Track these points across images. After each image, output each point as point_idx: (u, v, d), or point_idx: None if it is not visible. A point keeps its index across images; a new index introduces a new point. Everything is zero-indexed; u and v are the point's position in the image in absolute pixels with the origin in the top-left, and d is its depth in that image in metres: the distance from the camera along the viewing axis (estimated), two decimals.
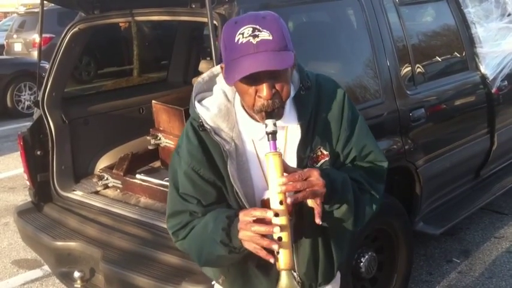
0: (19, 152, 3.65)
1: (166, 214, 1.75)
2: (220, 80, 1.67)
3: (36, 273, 4.22)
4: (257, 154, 1.64)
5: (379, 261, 3.29)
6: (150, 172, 3.86)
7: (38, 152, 3.57)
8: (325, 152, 1.67)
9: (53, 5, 3.71)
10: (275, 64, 1.44)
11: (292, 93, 1.61)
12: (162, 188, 3.43)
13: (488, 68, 3.98)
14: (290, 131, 1.64)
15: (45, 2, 3.48)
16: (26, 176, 3.62)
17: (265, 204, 1.54)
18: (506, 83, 4.11)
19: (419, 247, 4.08)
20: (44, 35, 3.83)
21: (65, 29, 3.55)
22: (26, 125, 3.70)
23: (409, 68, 3.45)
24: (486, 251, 4.11)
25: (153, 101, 3.98)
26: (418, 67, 3.56)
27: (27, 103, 10.11)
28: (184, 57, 5.09)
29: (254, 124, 1.60)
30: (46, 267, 3.99)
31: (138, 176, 3.69)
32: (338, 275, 1.91)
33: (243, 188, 1.61)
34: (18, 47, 14.20)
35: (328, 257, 1.76)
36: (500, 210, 4.71)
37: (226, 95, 1.65)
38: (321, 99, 1.68)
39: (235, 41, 1.46)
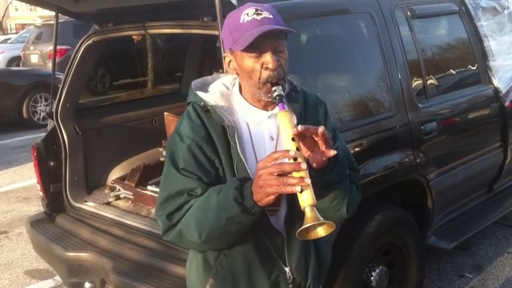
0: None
1: (158, 202, 1.72)
2: (213, 79, 1.82)
3: (48, 283, 4.24)
4: (251, 139, 1.71)
5: (390, 275, 3.26)
6: None
7: (52, 163, 3.61)
8: None
9: (68, 17, 3.76)
10: (282, 28, 1.62)
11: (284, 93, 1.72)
12: None
13: (501, 81, 3.96)
14: None
15: (60, 14, 3.54)
16: (39, 187, 3.66)
17: None
18: None
19: (432, 261, 4.05)
20: (59, 47, 3.91)
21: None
22: (41, 135, 3.75)
23: (421, 81, 3.45)
24: (499, 266, 4.07)
25: (166, 113, 4.01)
26: (430, 80, 3.55)
27: (42, 114, 10.21)
28: (196, 69, 5.13)
29: (251, 109, 1.73)
30: (58, 278, 4.01)
31: (149, 187, 3.71)
32: None
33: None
34: (34, 59, 14.39)
35: (318, 258, 1.82)
36: None
37: (225, 85, 1.78)
38: (307, 104, 1.81)
39: (241, 21, 1.63)
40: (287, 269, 1.75)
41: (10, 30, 41.21)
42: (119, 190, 3.77)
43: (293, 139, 1.49)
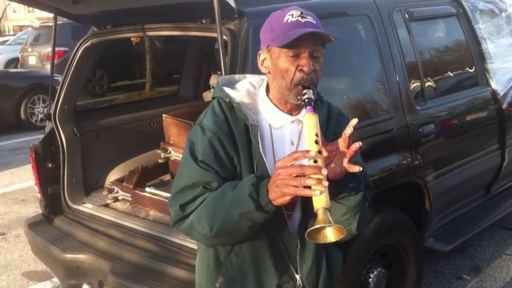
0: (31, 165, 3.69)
1: (172, 192, 1.71)
2: (244, 76, 1.83)
3: (46, 285, 4.24)
4: (272, 141, 1.71)
5: (388, 277, 3.27)
6: (160, 185, 3.87)
7: (50, 165, 3.60)
8: None
9: (66, 19, 3.76)
10: (325, 32, 1.63)
11: None
12: None
13: (499, 83, 3.97)
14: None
15: (58, 16, 3.54)
16: (37, 189, 3.66)
17: None
18: None
19: (429, 263, 4.05)
20: (57, 49, 3.90)
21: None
22: (39, 137, 3.74)
23: (419, 84, 3.45)
24: (497, 268, 4.07)
25: (164, 115, 4.01)
26: (427, 82, 3.56)
27: (40, 116, 10.20)
28: (195, 71, 5.13)
29: (276, 111, 1.72)
30: (56, 280, 4.01)
31: (147, 189, 3.71)
32: None
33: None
34: (32, 60, 14.37)
35: (329, 268, 1.80)
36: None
37: (251, 84, 1.78)
38: (331, 116, 1.80)
39: (285, 21, 1.64)
40: (298, 276, 1.73)
41: (8, 32, 41.17)
42: (117, 192, 3.76)
43: (316, 142, 1.49)
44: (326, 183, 1.43)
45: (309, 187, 1.43)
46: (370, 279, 3.13)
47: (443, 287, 3.85)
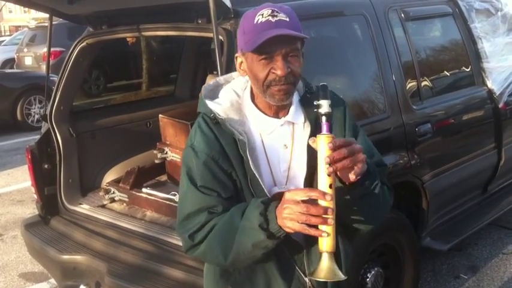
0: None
1: (178, 220, 1.68)
2: (221, 82, 1.75)
3: (43, 286, 4.23)
4: (265, 150, 1.66)
5: (386, 276, 3.27)
6: (157, 186, 3.86)
7: (46, 166, 3.60)
8: None
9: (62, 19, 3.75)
10: (294, 33, 1.53)
11: (297, 97, 1.69)
12: (168, 202, 3.44)
13: (495, 83, 3.97)
14: (297, 129, 1.68)
15: (54, 16, 3.53)
16: (33, 189, 3.65)
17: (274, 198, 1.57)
18: None
19: (427, 263, 4.05)
20: (53, 49, 3.89)
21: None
22: (35, 138, 3.74)
23: (415, 83, 3.46)
24: (494, 267, 4.08)
25: (160, 115, 4.00)
26: (424, 82, 3.56)
27: (36, 116, 10.18)
28: (191, 71, 5.13)
29: (263, 118, 1.66)
30: (53, 281, 4.00)
31: (144, 189, 3.70)
32: None
33: None
34: (28, 61, 14.36)
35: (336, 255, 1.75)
36: (509, 225, 4.68)
37: (236, 92, 1.70)
38: None
39: (255, 22, 1.55)
40: (307, 279, 1.69)
41: (4, 32, 41.11)
42: (113, 192, 3.76)
43: (329, 174, 1.43)
44: (332, 222, 1.41)
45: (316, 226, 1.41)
46: (368, 279, 3.13)
47: (440, 286, 3.85)
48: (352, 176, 1.46)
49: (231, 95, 1.70)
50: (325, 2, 3.32)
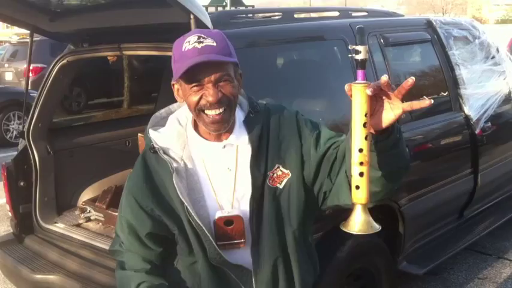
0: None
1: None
2: (174, 109, 1.77)
3: None
4: (208, 174, 1.67)
5: None
6: None
7: (22, 183, 3.56)
8: (285, 171, 1.68)
9: None
10: (217, 58, 1.52)
11: (242, 117, 1.69)
12: None
13: (472, 109, 4.03)
14: (241, 150, 1.68)
15: (35, 33, 3.52)
16: (8, 207, 3.59)
17: (217, 224, 1.60)
18: (489, 124, 4.15)
19: (403, 286, 4.05)
20: (35, 65, 3.86)
21: None
22: (13, 154, 3.69)
23: None
24: None
25: (139, 134, 3.98)
26: None
27: (15, 132, 10.06)
28: (172, 91, 5.11)
29: (204, 143, 1.67)
30: None
31: None
32: None
33: (196, 209, 1.63)
34: (9, 76, 14.21)
35: (288, 280, 1.73)
36: (485, 250, 4.71)
37: (179, 121, 1.72)
38: (272, 120, 1.72)
39: (182, 49, 1.55)
40: None
41: None
42: (89, 212, 3.72)
43: (365, 125, 1.39)
44: (367, 182, 1.40)
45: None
46: None
47: None
48: (397, 111, 1.45)
49: (173, 124, 1.72)
50: (307, 26, 3.37)
